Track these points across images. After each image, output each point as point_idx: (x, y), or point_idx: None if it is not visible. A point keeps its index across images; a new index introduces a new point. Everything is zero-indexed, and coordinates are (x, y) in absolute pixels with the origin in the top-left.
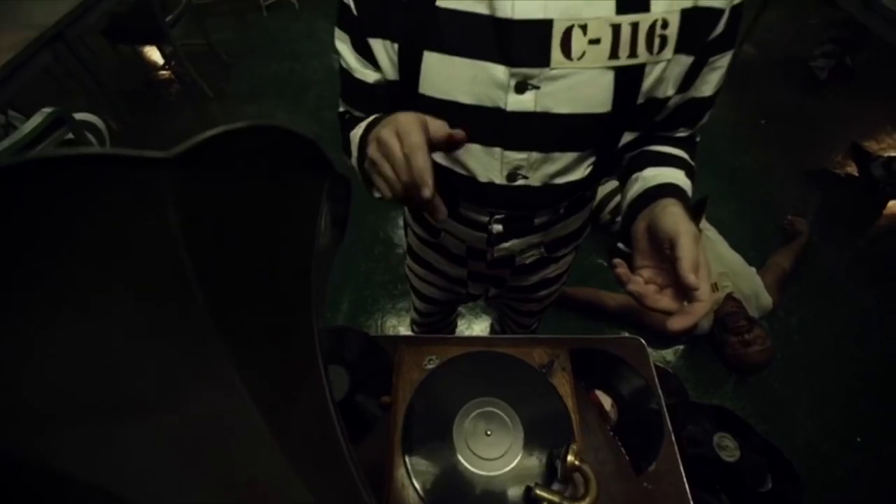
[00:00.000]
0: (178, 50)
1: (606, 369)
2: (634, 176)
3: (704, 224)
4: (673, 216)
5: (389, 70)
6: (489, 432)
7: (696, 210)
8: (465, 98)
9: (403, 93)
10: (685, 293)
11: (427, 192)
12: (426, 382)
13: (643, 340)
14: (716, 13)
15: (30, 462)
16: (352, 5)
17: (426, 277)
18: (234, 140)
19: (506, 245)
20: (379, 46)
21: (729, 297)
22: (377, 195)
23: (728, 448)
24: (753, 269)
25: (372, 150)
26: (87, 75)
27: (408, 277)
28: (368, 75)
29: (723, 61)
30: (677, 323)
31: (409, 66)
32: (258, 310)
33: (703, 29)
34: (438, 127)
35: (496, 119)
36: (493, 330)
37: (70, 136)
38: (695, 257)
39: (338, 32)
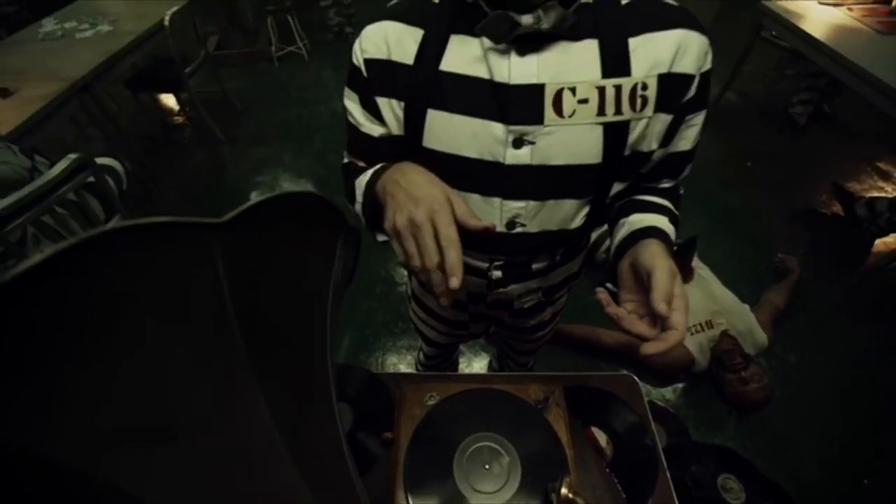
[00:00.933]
0: (193, 97)
1: (600, 406)
2: (621, 221)
3: (697, 263)
4: (652, 253)
5: (394, 125)
6: (487, 466)
7: (686, 249)
8: (466, 152)
9: (408, 146)
10: (661, 322)
11: (456, 282)
12: (427, 418)
13: (636, 377)
14: (688, 78)
15: (95, 476)
16: (362, 69)
17: (429, 322)
18: (271, 205)
19: (505, 290)
20: (385, 104)
21: (724, 334)
22: (381, 239)
23: (733, 490)
24: (747, 307)
25: (400, 222)
26: (108, 122)
27: (412, 321)
28: (374, 129)
29: (697, 119)
30: (649, 347)
31: (414, 122)
32: (283, 346)
33: (678, 91)
34: (464, 212)
35: (495, 171)
36: (491, 367)
37: (91, 179)
38: (667, 289)
39: (347, 91)
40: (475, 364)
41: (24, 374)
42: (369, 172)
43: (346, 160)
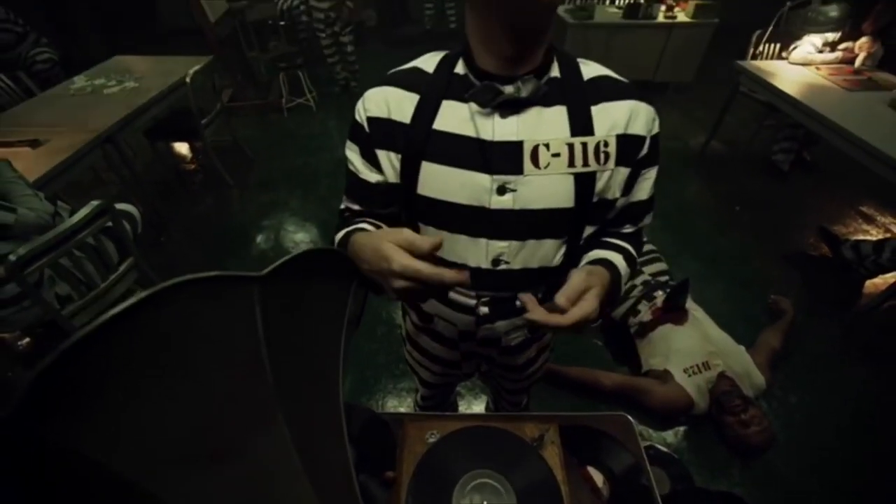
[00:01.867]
0: (207, 146)
1: (596, 445)
2: (584, 256)
3: (691, 304)
4: (584, 269)
5: (391, 174)
6: (486, 502)
7: (679, 290)
8: (456, 199)
9: (403, 192)
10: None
11: (465, 276)
12: (428, 455)
13: (630, 417)
14: (641, 139)
15: (150, 494)
16: (365, 125)
17: (423, 363)
18: (300, 260)
19: (492, 326)
20: (384, 156)
21: (722, 375)
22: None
23: None
24: (742, 348)
25: (398, 287)
26: (126, 168)
27: (408, 363)
28: (372, 177)
29: (651, 174)
30: (530, 313)
31: (410, 172)
32: (304, 380)
33: (633, 149)
34: (423, 242)
35: (482, 215)
36: (488, 408)
37: (109, 223)
38: (570, 292)
39: (349, 143)
40: (474, 406)
41: (106, 402)
42: (343, 231)
43: (343, 205)
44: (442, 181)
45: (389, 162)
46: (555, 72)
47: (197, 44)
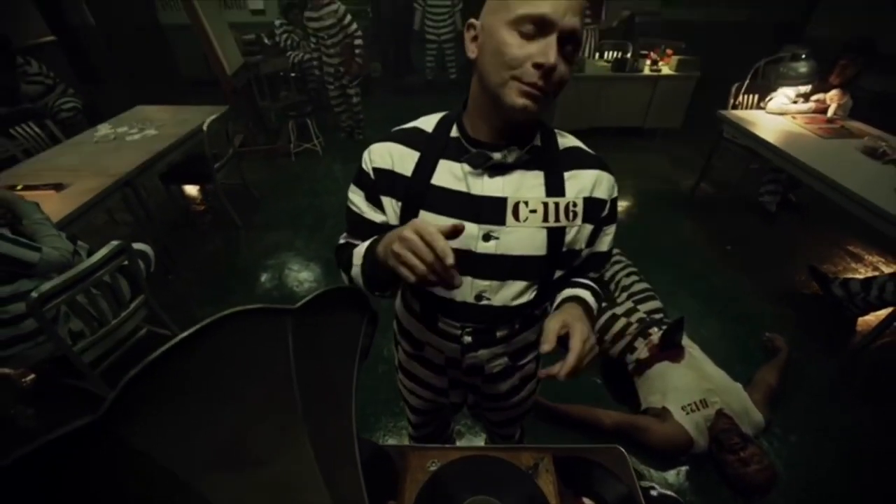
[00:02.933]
0: (218, 188)
1: (590, 476)
2: (558, 295)
3: (687, 342)
4: (561, 309)
5: (392, 217)
6: None
7: (674, 329)
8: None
9: None
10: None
11: (450, 259)
12: (429, 482)
13: (623, 449)
14: (603, 202)
15: (200, 494)
16: (370, 173)
17: (415, 391)
18: (325, 296)
19: (475, 354)
20: (387, 201)
21: (720, 413)
22: (376, 294)
23: None
24: (739, 385)
25: (396, 247)
26: (142, 210)
27: (400, 392)
28: (376, 217)
29: (610, 230)
30: (552, 371)
31: (409, 218)
32: (324, 405)
33: (597, 210)
34: (440, 227)
35: (469, 257)
36: (486, 443)
37: (125, 262)
38: (549, 331)
39: (353, 188)
40: (474, 442)
41: (171, 410)
42: (365, 244)
43: (342, 241)
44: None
45: (391, 207)
46: (537, 141)
47: (213, 93)
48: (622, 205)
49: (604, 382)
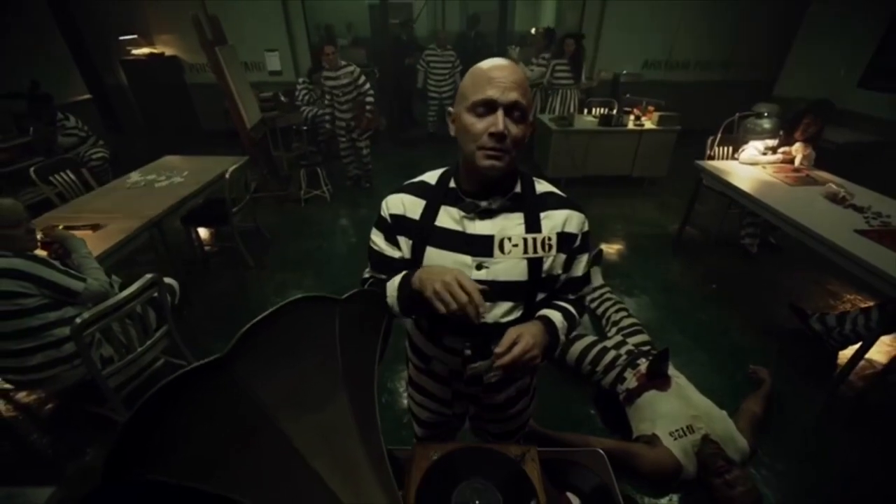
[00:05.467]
0: (234, 230)
1: (569, 472)
2: (537, 314)
3: (674, 371)
4: (514, 327)
5: (406, 252)
6: (478, 501)
7: (659, 359)
8: None
9: (414, 266)
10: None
11: (483, 309)
12: (431, 468)
13: (602, 451)
14: (574, 235)
15: (279, 429)
16: (388, 218)
17: (423, 403)
18: (364, 294)
19: (475, 366)
20: (402, 240)
21: (706, 438)
22: (412, 317)
23: None
24: (724, 413)
25: (438, 285)
26: (164, 248)
27: (409, 405)
28: (395, 254)
29: (582, 258)
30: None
31: (418, 253)
32: (355, 373)
33: (569, 242)
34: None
35: None
36: None
37: (155, 294)
38: (505, 336)
39: (375, 231)
40: None
41: (271, 356)
42: (399, 276)
43: (367, 275)
44: (439, 259)
45: (405, 244)
46: (518, 188)
47: (229, 143)
48: (614, 247)
49: (597, 412)
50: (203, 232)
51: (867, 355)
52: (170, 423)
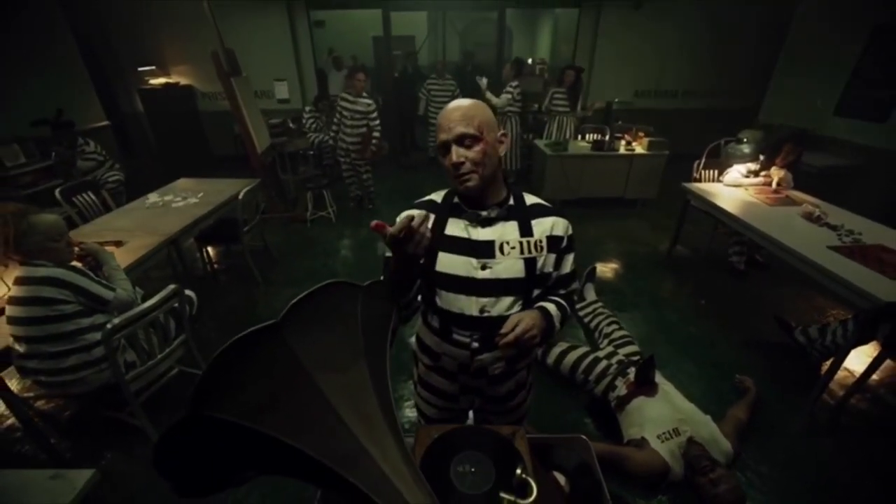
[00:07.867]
0: (245, 248)
1: (554, 453)
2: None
3: (661, 379)
4: (523, 311)
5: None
6: (473, 469)
7: (646, 366)
8: (457, 272)
9: (426, 269)
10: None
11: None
12: (433, 444)
13: (585, 437)
14: (560, 237)
15: (315, 385)
16: None
17: (430, 400)
18: (381, 283)
19: (481, 358)
20: None
21: (691, 440)
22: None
23: None
24: (709, 417)
25: (392, 231)
26: (180, 264)
27: (417, 406)
28: None
29: (569, 257)
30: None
31: (431, 257)
32: (373, 348)
33: (557, 243)
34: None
35: (472, 282)
36: None
37: (176, 304)
38: (508, 322)
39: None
40: None
41: (310, 324)
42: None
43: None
44: (449, 262)
45: None
46: (511, 201)
47: (237, 167)
48: (608, 266)
49: (591, 420)
50: (211, 250)
51: (846, 365)
52: (236, 371)
